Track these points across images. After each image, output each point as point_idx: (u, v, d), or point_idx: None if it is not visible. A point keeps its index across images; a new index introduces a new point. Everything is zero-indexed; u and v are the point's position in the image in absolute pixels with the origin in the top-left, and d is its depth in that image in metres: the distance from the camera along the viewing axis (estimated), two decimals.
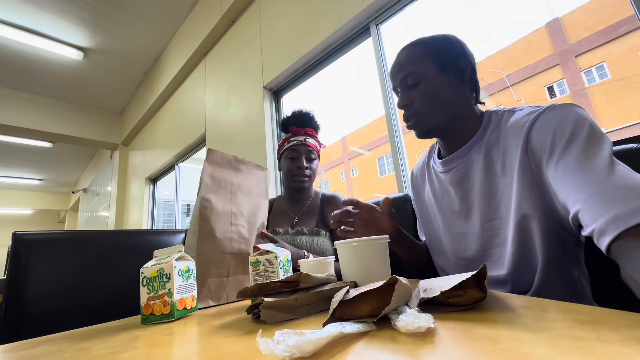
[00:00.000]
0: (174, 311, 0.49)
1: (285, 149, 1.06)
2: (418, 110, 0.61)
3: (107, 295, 0.85)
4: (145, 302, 0.50)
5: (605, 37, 10.63)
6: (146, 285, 0.51)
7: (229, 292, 0.67)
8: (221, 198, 0.71)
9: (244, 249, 0.72)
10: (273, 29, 2.18)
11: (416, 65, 0.61)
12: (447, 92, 0.60)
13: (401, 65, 0.63)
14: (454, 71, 0.60)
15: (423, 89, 0.60)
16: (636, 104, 10.12)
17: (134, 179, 4.57)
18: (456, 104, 0.60)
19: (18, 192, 8.38)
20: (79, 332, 0.50)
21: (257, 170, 0.82)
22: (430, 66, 0.60)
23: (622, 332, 0.22)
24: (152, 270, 0.51)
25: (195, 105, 3.12)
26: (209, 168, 0.70)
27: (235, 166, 0.77)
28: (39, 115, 4.22)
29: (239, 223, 0.73)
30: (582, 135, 0.43)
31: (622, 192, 0.36)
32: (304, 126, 1.07)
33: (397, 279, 0.33)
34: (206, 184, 0.69)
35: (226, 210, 0.71)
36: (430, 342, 0.25)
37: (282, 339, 0.23)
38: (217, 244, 0.67)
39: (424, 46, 0.62)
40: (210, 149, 0.72)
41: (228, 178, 0.74)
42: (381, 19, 1.57)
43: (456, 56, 0.61)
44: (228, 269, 0.68)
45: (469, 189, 0.59)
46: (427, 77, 0.60)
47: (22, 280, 0.75)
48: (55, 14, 3.01)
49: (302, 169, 1.03)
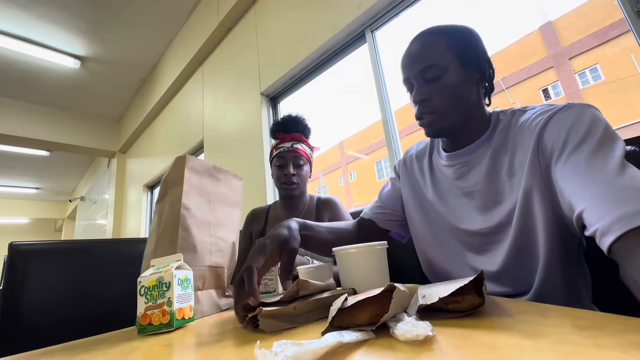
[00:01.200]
0: (173, 321, 0.49)
1: (274, 157, 1.05)
2: (436, 108, 0.56)
3: (105, 306, 0.84)
4: (142, 312, 0.49)
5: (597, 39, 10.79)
6: (144, 294, 0.50)
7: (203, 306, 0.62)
8: (200, 207, 0.67)
9: (220, 263, 0.69)
10: (269, 36, 2.19)
11: (437, 57, 0.55)
12: (467, 90, 0.56)
13: (419, 55, 0.56)
14: (476, 69, 0.56)
15: (444, 85, 0.55)
16: (630, 105, 10.23)
17: (131, 187, 4.55)
18: (473, 103, 0.57)
19: (14, 201, 8.32)
20: (76, 343, 0.49)
21: (234, 179, 0.80)
22: (453, 60, 0.54)
23: (620, 338, 0.22)
24: (150, 279, 0.50)
25: (192, 112, 3.12)
26: (188, 175, 0.67)
27: (214, 175, 0.73)
28: (36, 123, 4.22)
29: (217, 235, 0.70)
30: (596, 136, 0.43)
31: (630, 192, 0.36)
32: (291, 131, 1.06)
33: (395, 286, 0.33)
34: (187, 191, 0.65)
35: (205, 221, 0.68)
36: (429, 350, 0.25)
37: (280, 350, 0.23)
38: (197, 256, 0.63)
39: (446, 36, 0.56)
40: (188, 156, 0.68)
41: (206, 186, 0.71)
42: (376, 25, 1.59)
43: (478, 53, 0.56)
44: (203, 281, 0.64)
45: (471, 187, 0.59)
46: (448, 72, 0.54)
47: (18, 292, 0.74)
48: (52, 23, 3.03)
49: (289, 176, 1.02)
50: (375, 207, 0.77)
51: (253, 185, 2.11)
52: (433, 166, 0.68)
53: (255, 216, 1.14)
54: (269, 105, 2.24)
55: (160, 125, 3.90)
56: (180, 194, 0.64)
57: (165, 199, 0.67)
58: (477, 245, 0.58)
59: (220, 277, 0.69)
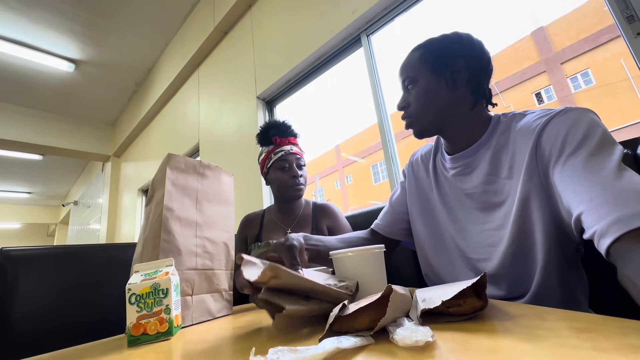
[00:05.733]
0: (172, 328, 0.47)
1: (274, 161, 1.04)
2: (412, 113, 0.64)
3: (98, 312, 0.83)
4: (134, 322, 0.46)
5: (588, 44, 11.00)
6: (135, 302, 0.46)
7: (193, 313, 0.60)
8: (185, 207, 0.64)
9: (209, 265, 0.66)
10: (265, 40, 2.20)
11: (411, 70, 0.64)
12: (438, 95, 0.61)
13: (401, 69, 0.66)
14: (449, 73, 0.60)
15: (416, 93, 0.63)
16: (621, 108, 10.42)
17: (126, 191, 4.50)
18: (449, 106, 0.61)
19: (6, 206, 8.18)
20: (68, 351, 0.48)
21: (224, 175, 0.76)
22: (424, 70, 0.62)
23: (617, 340, 0.22)
24: (143, 286, 0.47)
25: (188, 115, 3.11)
26: (171, 174, 0.63)
27: (201, 172, 0.70)
28: (29, 127, 4.16)
29: (204, 235, 0.67)
30: (593, 140, 0.43)
31: (627, 195, 0.36)
32: (286, 135, 1.07)
33: (392, 290, 0.33)
34: (169, 191, 0.62)
35: (190, 222, 0.65)
36: (429, 356, 0.24)
37: (275, 357, 0.23)
38: (181, 259, 0.60)
39: (421, 50, 0.64)
40: (170, 154, 0.65)
41: (193, 185, 0.67)
42: (371, 29, 1.60)
43: (452, 58, 0.60)
44: (192, 286, 0.61)
45: (472, 188, 0.60)
46: (418, 81, 0.62)
47: (9, 298, 0.73)
48: (46, 26, 3.00)
49: (297, 177, 1.02)
50: (385, 214, 0.78)
51: (249, 189, 2.10)
52: (437, 168, 0.70)
53: (249, 221, 1.13)
54: (265, 108, 2.23)
55: (155, 129, 3.88)
56: (162, 195, 0.61)
57: (152, 202, 0.65)
58: (476, 247, 0.59)
59: (212, 280, 0.66)
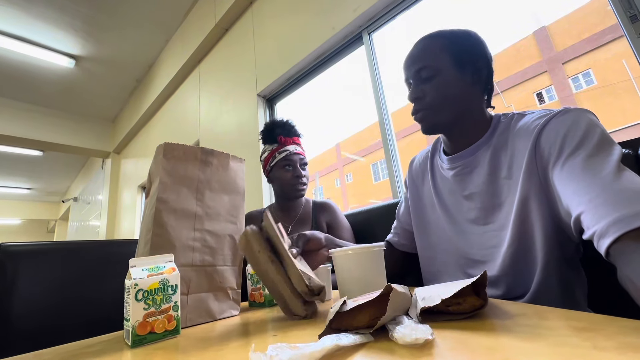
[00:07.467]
0: (179, 326, 0.46)
1: (279, 160, 1.05)
2: (428, 104, 0.59)
3: (99, 308, 0.83)
4: (140, 320, 0.42)
5: (590, 45, 10.96)
6: (143, 299, 0.43)
7: (188, 313, 0.55)
8: (182, 198, 0.59)
9: (209, 261, 0.60)
10: (267, 37, 2.19)
11: (432, 59, 0.59)
12: (460, 89, 0.58)
13: (416, 57, 0.61)
14: (471, 70, 0.58)
15: (436, 83, 0.58)
16: (622, 109, 10.39)
17: (126, 187, 4.50)
18: (467, 103, 0.59)
19: (6, 202, 8.18)
20: (68, 347, 0.48)
21: (233, 162, 0.69)
22: (447, 61, 0.58)
23: (617, 340, 0.22)
24: (151, 281, 0.44)
25: (188, 112, 3.10)
26: (166, 164, 0.59)
27: (203, 159, 0.64)
28: (29, 123, 4.15)
29: (205, 228, 0.61)
30: (592, 140, 0.43)
31: (626, 195, 0.36)
32: (290, 135, 1.07)
33: (392, 288, 0.33)
34: (163, 182, 0.57)
35: (189, 214, 0.60)
36: (428, 354, 0.24)
37: (275, 354, 0.23)
38: (175, 255, 0.55)
39: (443, 40, 0.60)
40: (166, 143, 0.60)
41: (193, 174, 0.62)
42: (373, 27, 1.60)
43: (476, 55, 0.59)
44: (188, 285, 0.57)
45: (471, 189, 0.59)
46: (441, 72, 0.58)
47: (8, 294, 0.73)
48: (47, 22, 2.99)
49: (300, 177, 1.03)
50: (395, 229, 0.79)
51: (249, 187, 2.10)
52: (434, 169, 0.69)
53: (251, 219, 1.13)
54: (266, 106, 2.23)
55: (155, 125, 3.87)
56: (156, 187, 0.58)
57: (149, 195, 0.61)
58: (479, 248, 0.59)
59: (213, 277, 0.60)
